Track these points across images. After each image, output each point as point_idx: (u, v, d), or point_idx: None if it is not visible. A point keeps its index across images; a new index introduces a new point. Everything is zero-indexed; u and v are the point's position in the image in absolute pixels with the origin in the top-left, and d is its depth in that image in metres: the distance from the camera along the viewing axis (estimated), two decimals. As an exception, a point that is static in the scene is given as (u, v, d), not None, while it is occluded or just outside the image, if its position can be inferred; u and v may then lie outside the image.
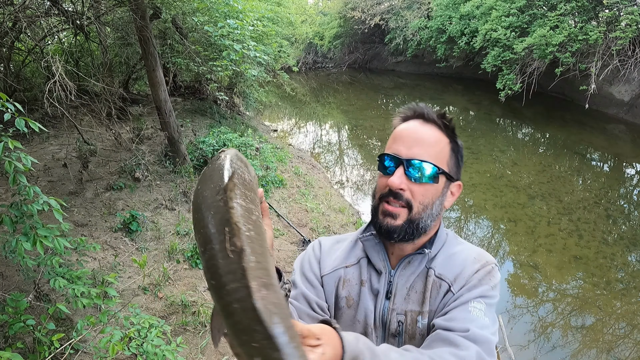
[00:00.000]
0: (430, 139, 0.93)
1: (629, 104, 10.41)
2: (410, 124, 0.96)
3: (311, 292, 1.02)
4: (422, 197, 0.92)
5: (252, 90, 9.17)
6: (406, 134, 0.95)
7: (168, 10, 5.75)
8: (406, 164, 0.91)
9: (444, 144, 0.95)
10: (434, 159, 0.92)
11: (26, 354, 2.41)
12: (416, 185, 0.92)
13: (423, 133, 0.94)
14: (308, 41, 22.20)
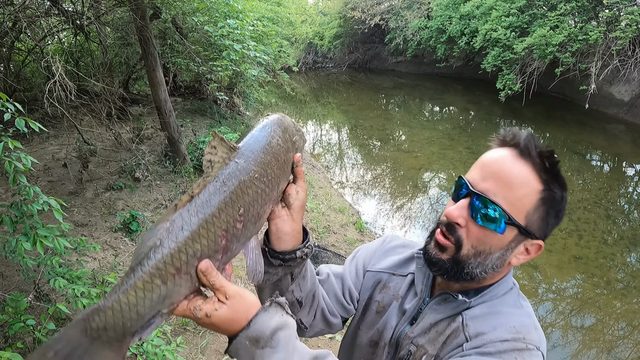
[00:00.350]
0: (515, 178, 0.75)
1: (629, 104, 10.41)
2: (501, 153, 0.79)
3: (351, 277, 1.02)
4: (477, 241, 0.78)
5: (252, 90, 9.17)
6: (488, 162, 0.79)
7: (168, 10, 5.75)
8: (474, 198, 0.77)
9: (532, 189, 0.75)
10: (509, 204, 0.75)
11: (26, 354, 2.41)
12: (475, 226, 0.77)
13: (508, 168, 0.76)
14: (308, 41, 22.20)
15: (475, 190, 0.77)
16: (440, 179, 7.82)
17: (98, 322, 0.61)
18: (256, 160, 0.70)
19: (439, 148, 9.10)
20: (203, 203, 0.65)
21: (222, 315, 0.66)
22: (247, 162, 0.69)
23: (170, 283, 0.62)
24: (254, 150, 0.71)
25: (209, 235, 0.64)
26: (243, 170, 0.68)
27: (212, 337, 3.31)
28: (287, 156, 0.76)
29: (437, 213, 6.63)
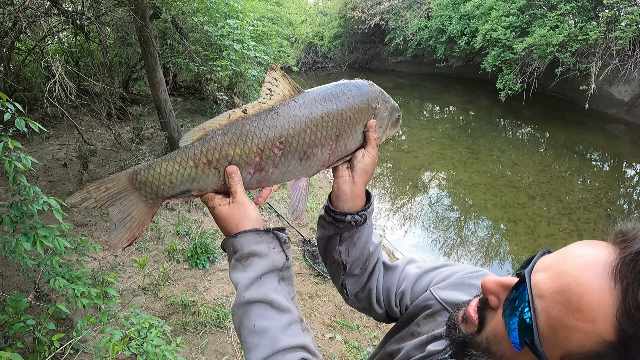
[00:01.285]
0: (584, 303, 0.50)
1: (629, 104, 10.41)
2: (595, 261, 0.52)
3: (415, 284, 0.94)
4: (494, 336, 0.61)
5: (252, 90, 9.16)
6: (565, 260, 0.55)
7: (168, 10, 5.75)
8: (519, 286, 0.57)
9: (596, 330, 0.49)
10: (548, 333, 0.53)
11: (26, 354, 2.41)
12: (500, 316, 0.60)
13: (589, 293, 0.50)
14: (308, 41, 22.20)
15: (529, 290, 0.55)
16: (440, 179, 7.82)
17: (141, 177, 0.76)
18: (314, 104, 0.78)
19: (439, 148, 9.10)
20: (249, 120, 0.76)
21: (222, 213, 0.77)
22: (304, 103, 0.78)
23: (200, 170, 0.76)
24: (317, 96, 0.80)
25: (244, 147, 0.75)
26: (296, 107, 0.77)
27: (212, 337, 3.31)
28: (357, 116, 0.81)
29: (437, 214, 6.63)
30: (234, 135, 0.75)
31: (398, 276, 0.99)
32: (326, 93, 0.80)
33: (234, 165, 0.76)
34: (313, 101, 0.78)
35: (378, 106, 0.83)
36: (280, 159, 0.78)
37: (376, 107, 0.83)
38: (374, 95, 0.83)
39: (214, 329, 3.39)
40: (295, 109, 0.77)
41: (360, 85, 0.83)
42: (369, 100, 0.82)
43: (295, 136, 0.76)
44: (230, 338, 3.32)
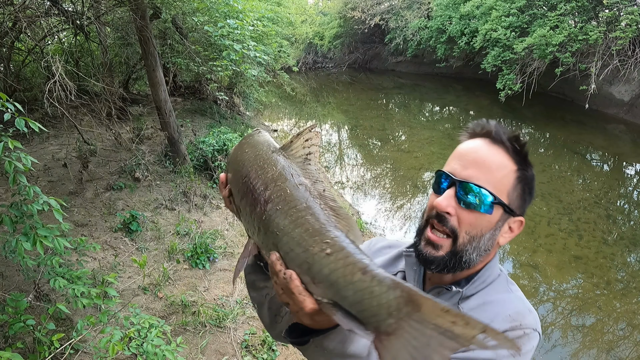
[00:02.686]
0: (493, 162, 0.81)
1: (629, 104, 10.41)
2: (475, 143, 0.85)
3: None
4: (469, 227, 0.81)
5: (252, 90, 9.17)
6: (466, 152, 0.85)
7: (168, 10, 5.75)
8: (459, 185, 0.81)
9: (508, 170, 0.82)
10: (492, 186, 0.80)
11: (26, 354, 2.41)
12: (466, 212, 0.81)
13: (485, 154, 0.82)
14: (308, 41, 22.19)
15: (459, 179, 0.82)
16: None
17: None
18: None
19: (439, 148, 9.10)
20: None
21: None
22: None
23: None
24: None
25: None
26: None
27: (212, 337, 3.31)
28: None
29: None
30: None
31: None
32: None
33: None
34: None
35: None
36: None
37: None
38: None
39: (214, 329, 3.39)
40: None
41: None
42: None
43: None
44: (230, 338, 3.32)
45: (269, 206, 0.65)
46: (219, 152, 5.86)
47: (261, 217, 0.66)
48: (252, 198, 0.69)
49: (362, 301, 0.54)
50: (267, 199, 0.66)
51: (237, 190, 0.74)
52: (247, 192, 0.70)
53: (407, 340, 0.53)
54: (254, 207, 0.68)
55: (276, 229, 0.63)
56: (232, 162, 0.79)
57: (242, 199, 0.72)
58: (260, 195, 0.67)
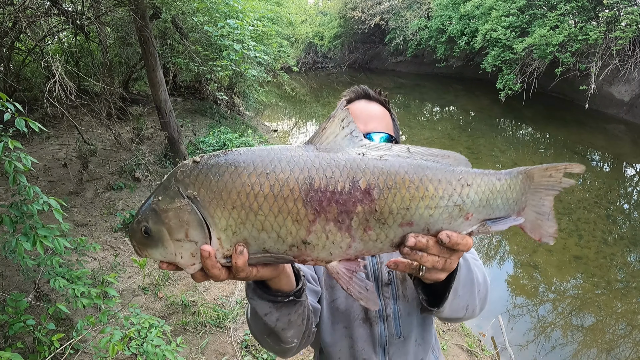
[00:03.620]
0: (379, 113, 1.09)
1: (629, 104, 10.41)
2: (360, 104, 1.10)
3: (305, 267, 1.05)
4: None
5: (252, 90, 9.17)
6: (359, 112, 1.07)
7: (168, 10, 5.75)
8: (368, 137, 1.03)
9: (387, 116, 1.11)
10: (386, 129, 1.07)
11: (26, 354, 2.41)
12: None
13: (373, 110, 1.09)
14: (308, 41, 22.21)
15: (366, 134, 1.03)
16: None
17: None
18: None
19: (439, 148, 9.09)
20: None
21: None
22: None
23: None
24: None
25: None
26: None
27: (212, 337, 3.31)
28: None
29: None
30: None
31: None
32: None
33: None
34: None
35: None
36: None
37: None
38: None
39: (214, 329, 3.39)
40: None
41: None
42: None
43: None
44: (230, 338, 3.32)
45: (374, 193, 0.61)
46: (219, 152, 5.86)
47: (370, 214, 0.61)
48: (340, 206, 0.60)
49: (508, 199, 0.69)
50: (365, 191, 0.61)
51: (297, 217, 0.60)
52: (326, 206, 0.60)
53: (532, 204, 0.72)
54: (349, 213, 0.61)
55: (400, 210, 0.62)
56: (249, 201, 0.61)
57: (316, 221, 0.60)
58: (351, 195, 0.60)
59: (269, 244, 0.62)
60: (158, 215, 0.63)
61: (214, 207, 0.61)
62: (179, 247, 0.63)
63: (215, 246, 0.62)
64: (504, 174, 0.69)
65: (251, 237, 0.62)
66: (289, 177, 0.61)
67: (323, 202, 0.60)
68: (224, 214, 0.61)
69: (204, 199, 0.61)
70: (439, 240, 0.63)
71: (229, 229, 0.62)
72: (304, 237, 0.61)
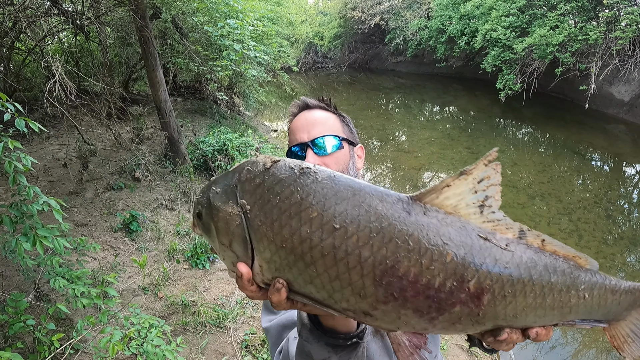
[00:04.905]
0: (321, 118, 1.08)
1: (629, 104, 10.41)
2: (301, 116, 1.10)
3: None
4: (336, 166, 1.03)
5: (252, 90, 9.16)
6: (300, 123, 1.08)
7: (168, 10, 5.75)
8: (311, 144, 1.03)
9: (332, 119, 1.10)
10: (332, 132, 1.06)
11: (26, 354, 2.41)
12: (327, 158, 1.03)
13: (314, 117, 1.08)
14: (308, 41, 22.21)
15: (311, 141, 1.04)
16: (440, 179, 7.81)
17: None
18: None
19: (439, 148, 9.10)
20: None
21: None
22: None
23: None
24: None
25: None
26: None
27: (212, 337, 3.31)
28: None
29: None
30: None
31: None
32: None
33: None
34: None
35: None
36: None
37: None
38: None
39: (214, 329, 3.39)
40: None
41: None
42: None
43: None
44: (230, 338, 3.32)
45: (484, 299, 0.48)
46: (219, 152, 5.86)
47: (468, 315, 0.49)
48: (430, 302, 0.48)
49: (610, 311, 0.62)
50: (473, 294, 0.47)
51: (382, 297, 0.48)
52: (410, 297, 0.47)
53: (631, 321, 0.65)
54: (440, 310, 0.48)
55: (507, 316, 0.51)
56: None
57: (389, 304, 0.48)
58: (452, 295, 0.47)
59: (318, 297, 0.51)
60: (211, 209, 0.56)
61: (262, 234, 0.51)
62: (223, 250, 0.56)
63: (257, 270, 0.53)
64: (622, 289, 0.60)
65: (296, 283, 0.51)
66: (363, 245, 0.46)
67: (407, 292, 0.47)
68: (270, 247, 0.51)
69: (254, 219, 0.51)
70: (527, 335, 0.56)
71: (272, 264, 0.52)
72: (365, 309, 0.49)
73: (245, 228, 0.52)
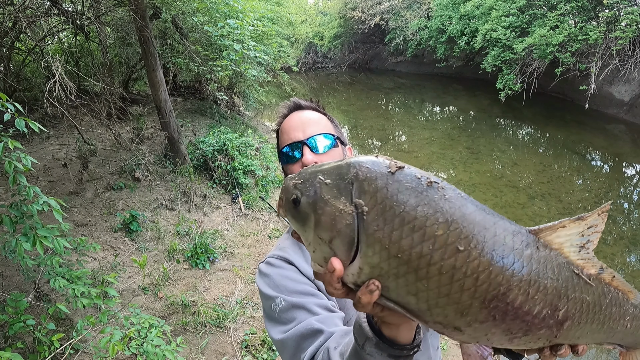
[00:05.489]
0: (314, 118, 1.10)
1: (629, 104, 10.41)
2: (294, 116, 1.12)
3: (321, 298, 0.99)
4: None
5: (252, 90, 9.17)
6: (295, 123, 1.10)
7: (168, 10, 5.75)
8: (309, 142, 1.05)
9: (324, 119, 1.13)
10: (325, 131, 1.09)
11: (26, 354, 2.41)
12: (324, 156, 1.05)
13: (308, 116, 1.10)
14: (308, 41, 22.21)
15: (307, 139, 1.06)
16: (440, 179, 7.81)
17: None
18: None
19: (439, 148, 9.10)
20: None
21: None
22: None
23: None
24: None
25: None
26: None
27: (212, 337, 3.31)
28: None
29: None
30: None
31: (323, 309, 1.02)
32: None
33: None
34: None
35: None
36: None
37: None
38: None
39: (214, 329, 3.39)
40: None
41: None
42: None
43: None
44: (230, 338, 3.32)
45: (566, 325, 0.54)
46: (219, 152, 5.86)
47: (547, 337, 0.54)
48: (523, 325, 0.51)
49: (635, 340, 0.68)
50: (559, 322, 0.53)
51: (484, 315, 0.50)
52: (508, 321, 0.50)
53: None
54: (527, 332, 0.52)
55: (575, 337, 0.58)
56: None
57: (485, 324, 0.51)
58: (544, 322, 0.51)
59: (411, 307, 0.52)
60: (316, 200, 0.53)
61: (376, 240, 0.49)
62: (318, 243, 0.54)
63: (353, 271, 0.52)
64: None
65: (394, 291, 0.51)
66: (482, 271, 0.48)
67: (507, 316, 0.50)
68: (381, 253, 0.50)
69: (370, 223, 0.50)
70: (576, 350, 0.63)
71: (376, 270, 0.51)
72: (458, 325, 0.51)
73: (356, 229, 0.51)
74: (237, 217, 5.25)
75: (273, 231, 5.10)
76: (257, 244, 4.83)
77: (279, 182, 6.29)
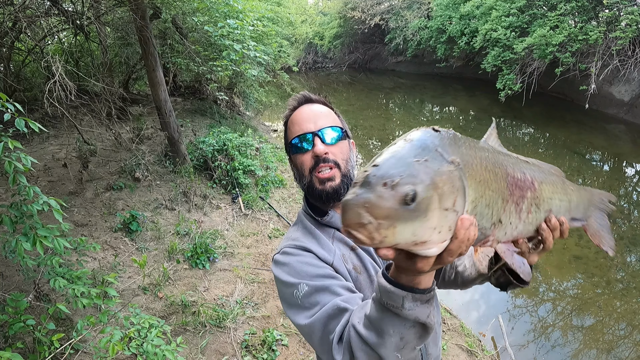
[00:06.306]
0: (324, 111, 1.15)
1: (629, 104, 10.41)
2: (305, 108, 1.15)
3: (341, 280, 1.01)
4: (341, 154, 1.10)
5: (252, 90, 9.17)
6: (306, 115, 1.13)
7: (168, 10, 5.75)
8: (320, 133, 1.09)
9: (331, 113, 1.17)
10: (335, 124, 1.13)
11: (26, 354, 2.41)
12: (333, 147, 1.10)
13: (317, 110, 1.14)
14: (308, 41, 22.22)
15: (318, 130, 1.09)
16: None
17: None
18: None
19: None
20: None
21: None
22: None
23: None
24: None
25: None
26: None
27: (212, 337, 3.31)
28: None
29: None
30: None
31: (345, 289, 1.05)
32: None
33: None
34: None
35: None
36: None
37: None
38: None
39: (214, 329, 3.39)
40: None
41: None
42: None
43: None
44: (230, 338, 3.32)
45: (536, 184, 0.78)
46: (219, 152, 5.86)
47: (533, 199, 0.77)
48: (519, 191, 0.73)
49: (582, 209, 0.93)
50: (532, 180, 0.77)
51: (493, 196, 0.67)
52: (513, 189, 0.72)
53: (595, 219, 0.97)
54: (523, 198, 0.74)
55: (547, 198, 0.81)
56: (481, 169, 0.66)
57: (509, 201, 0.71)
58: (525, 183, 0.75)
59: (483, 222, 0.65)
60: (432, 177, 0.54)
61: (469, 177, 0.61)
62: (444, 217, 0.55)
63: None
64: (581, 187, 0.94)
65: (479, 214, 0.64)
66: (502, 167, 0.72)
67: (515, 188, 0.73)
68: (473, 185, 0.61)
69: (465, 167, 0.60)
70: (560, 222, 0.82)
71: (474, 201, 0.62)
72: (501, 216, 0.69)
73: (463, 178, 0.60)
74: (237, 217, 5.25)
75: (273, 231, 5.10)
76: (257, 244, 4.83)
77: (279, 182, 6.29)
